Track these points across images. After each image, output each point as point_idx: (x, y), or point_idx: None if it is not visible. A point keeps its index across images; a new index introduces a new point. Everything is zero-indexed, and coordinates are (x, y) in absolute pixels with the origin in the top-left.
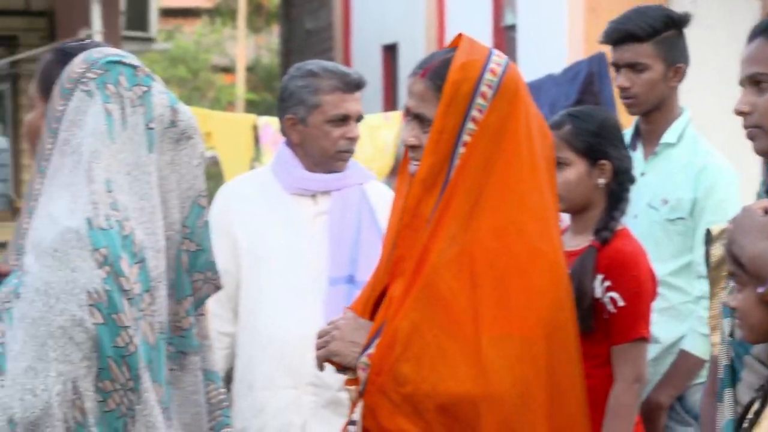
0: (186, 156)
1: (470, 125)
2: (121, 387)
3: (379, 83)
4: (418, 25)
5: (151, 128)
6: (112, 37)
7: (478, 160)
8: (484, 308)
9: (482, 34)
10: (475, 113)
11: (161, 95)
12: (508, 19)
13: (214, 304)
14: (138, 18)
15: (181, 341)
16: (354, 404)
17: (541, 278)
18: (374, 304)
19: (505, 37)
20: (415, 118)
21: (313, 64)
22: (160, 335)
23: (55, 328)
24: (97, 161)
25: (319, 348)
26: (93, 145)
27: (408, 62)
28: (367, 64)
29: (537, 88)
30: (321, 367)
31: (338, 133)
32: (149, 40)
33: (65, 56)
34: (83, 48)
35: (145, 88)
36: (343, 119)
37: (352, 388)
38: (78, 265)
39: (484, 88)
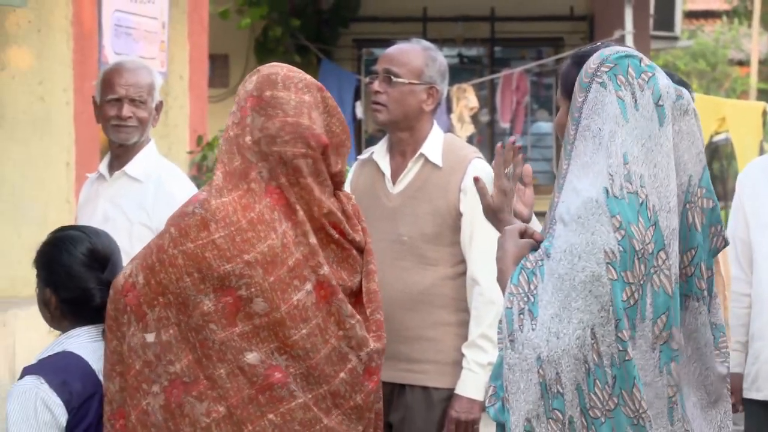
0: (690, 125)
1: None
2: (630, 338)
3: None
4: None
5: (660, 105)
6: (642, 37)
7: None
8: None
9: None
10: None
11: (664, 78)
12: None
13: (736, 269)
14: (665, 19)
15: (684, 286)
16: None
17: None
18: None
19: None
20: None
21: None
22: (675, 285)
23: (577, 283)
24: (614, 140)
25: None
26: (611, 127)
27: None
28: None
29: None
30: None
31: None
32: (674, 38)
33: (579, 59)
34: (594, 50)
35: (650, 74)
36: None
37: None
38: (597, 229)
39: None
